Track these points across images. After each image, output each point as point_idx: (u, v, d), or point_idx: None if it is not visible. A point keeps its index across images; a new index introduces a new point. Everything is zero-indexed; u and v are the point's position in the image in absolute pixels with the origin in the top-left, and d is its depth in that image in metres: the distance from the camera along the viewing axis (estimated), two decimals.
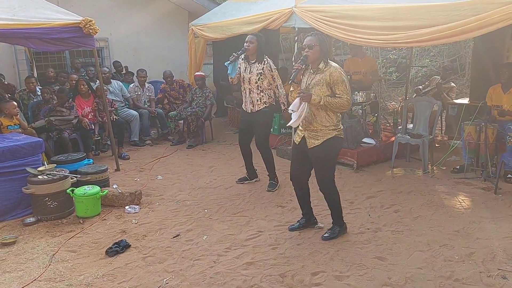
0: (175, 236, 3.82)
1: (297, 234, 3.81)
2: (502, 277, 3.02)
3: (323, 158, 3.52)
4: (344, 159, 5.74)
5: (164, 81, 7.84)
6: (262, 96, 4.73)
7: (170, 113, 7.33)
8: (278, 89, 4.75)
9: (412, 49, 8.95)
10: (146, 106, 7.58)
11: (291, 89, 3.62)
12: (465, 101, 6.91)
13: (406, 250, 3.47)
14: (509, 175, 4.98)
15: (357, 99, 6.24)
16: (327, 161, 3.56)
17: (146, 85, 7.70)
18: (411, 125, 6.09)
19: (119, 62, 8.53)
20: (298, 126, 3.62)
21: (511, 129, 4.93)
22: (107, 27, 8.15)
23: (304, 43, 3.44)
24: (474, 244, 3.54)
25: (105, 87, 6.41)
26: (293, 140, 3.72)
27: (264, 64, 4.65)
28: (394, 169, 5.65)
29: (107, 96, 6.63)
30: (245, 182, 5.22)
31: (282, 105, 4.88)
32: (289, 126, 3.74)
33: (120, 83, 7.44)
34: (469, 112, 5.67)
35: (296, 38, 6.14)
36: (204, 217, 4.25)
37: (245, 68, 4.74)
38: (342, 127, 3.57)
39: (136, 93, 7.54)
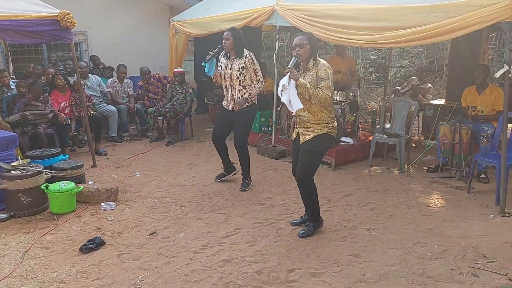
0: (152, 233, 3.79)
1: (274, 231, 3.82)
2: (473, 275, 3.10)
3: (309, 152, 3.53)
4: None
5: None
6: (244, 93, 4.65)
7: (149, 109, 7.26)
8: (259, 83, 4.68)
9: (391, 50, 9.07)
10: (125, 101, 7.49)
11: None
12: (442, 102, 7.05)
13: (381, 247, 3.53)
14: (482, 175, 5.10)
15: (336, 98, 6.30)
16: (313, 156, 3.56)
17: (125, 80, 7.60)
18: (389, 125, 6.18)
19: (97, 56, 8.40)
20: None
21: (485, 130, 5.05)
22: (86, 21, 7.99)
23: (294, 42, 3.45)
24: (446, 242, 3.61)
25: (82, 82, 6.30)
26: (291, 138, 3.80)
27: (245, 58, 4.58)
28: (371, 168, 5.73)
29: (85, 91, 6.53)
30: (223, 178, 5.15)
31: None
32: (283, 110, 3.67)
33: (99, 77, 7.32)
34: (445, 113, 5.78)
35: (277, 36, 6.15)
36: (182, 214, 4.23)
37: (226, 64, 4.68)
38: (336, 125, 3.59)
39: (115, 88, 7.43)
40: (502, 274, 3.09)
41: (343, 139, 5.98)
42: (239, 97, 4.66)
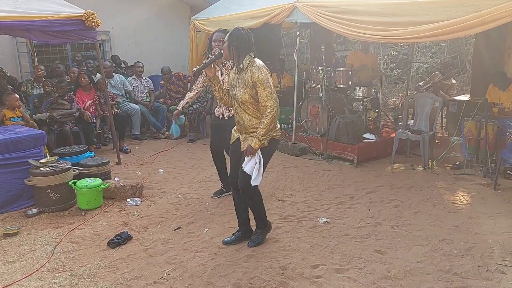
0: (176, 229, 3.84)
1: (298, 227, 3.83)
2: (500, 272, 3.05)
3: None
4: (344, 154, 5.77)
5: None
6: None
7: (171, 107, 7.35)
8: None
9: (414, 46, 8.95)
10: (147, 99, 7.60)
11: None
12: (466, 97, 6.93)
13: (406, 244, 3.50)
14: (509, 172, 5.00)
15: (358, 94, 6.26)
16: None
17: (144, 77, 7.72)
18: (412, 121, 6.11)
19: (117, 55, 8.53)
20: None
21: (511, 126, 4.95)
22: (108, 21, 8.11)
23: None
24: (473, 239, 3.56)
25: (106, 81, 6.41)
26: (229, 141, 3.50)
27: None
28: (394, 165, 5.67)
29: (108, 90, 6.64)
30: (222, 195, 4.59)
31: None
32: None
33: (122, 77, 7.45)
34: (469, 109, 5.69)
35: (298, 33, 6.14)
36: (205, 210, 4.27)
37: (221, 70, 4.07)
38: (279, 127, 3.31)
39: (133, 85, 7.55)
40: None
41: (366, 135, 5.94)
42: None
